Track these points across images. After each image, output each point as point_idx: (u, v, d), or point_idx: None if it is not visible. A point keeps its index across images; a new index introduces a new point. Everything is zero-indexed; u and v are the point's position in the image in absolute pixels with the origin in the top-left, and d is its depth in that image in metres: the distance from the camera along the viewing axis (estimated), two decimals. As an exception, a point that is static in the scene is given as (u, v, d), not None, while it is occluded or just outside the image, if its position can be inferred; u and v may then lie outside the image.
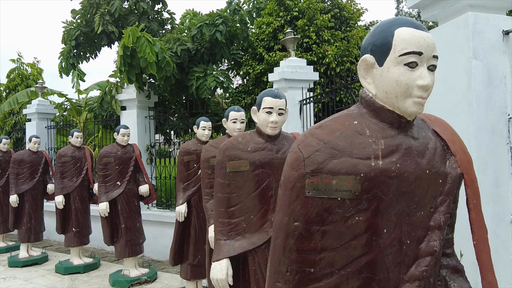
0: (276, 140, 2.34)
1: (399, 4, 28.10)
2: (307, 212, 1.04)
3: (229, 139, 2.38)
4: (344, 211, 1.03)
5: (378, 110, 1.13)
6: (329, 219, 1.04)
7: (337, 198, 1.03)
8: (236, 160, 2.28)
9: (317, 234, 1.04)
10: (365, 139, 1.07)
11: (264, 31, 8.66)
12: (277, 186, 2.29)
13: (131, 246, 5.14)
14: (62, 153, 5.91)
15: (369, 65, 1.12)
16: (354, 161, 1.04)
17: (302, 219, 1.05)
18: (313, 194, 1.04)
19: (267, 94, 2.27)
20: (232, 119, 3.29)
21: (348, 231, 1.04)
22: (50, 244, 7.75)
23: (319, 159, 1.04)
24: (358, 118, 1.12)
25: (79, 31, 7.25)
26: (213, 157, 3.25)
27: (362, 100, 1.17)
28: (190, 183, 4.27)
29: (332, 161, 1.04)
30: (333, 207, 1.03)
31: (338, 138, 1.06)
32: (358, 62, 1.14)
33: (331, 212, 1.03)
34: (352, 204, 1.03)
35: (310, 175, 1.04)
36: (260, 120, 2.29)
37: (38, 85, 8.87)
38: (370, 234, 1.05)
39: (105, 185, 5.08)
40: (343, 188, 1.02)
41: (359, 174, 1.03)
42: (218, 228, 2.32)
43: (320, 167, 1.03)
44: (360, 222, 1.04)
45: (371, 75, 1.13)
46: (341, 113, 1.15)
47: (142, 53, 4.92)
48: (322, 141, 1.06)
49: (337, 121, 1.11)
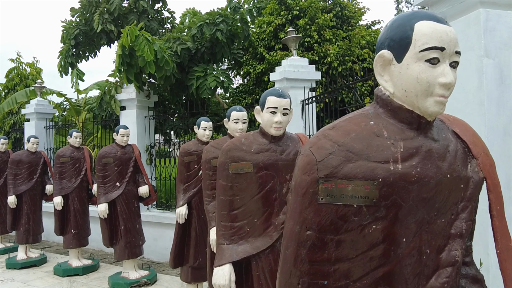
0: (280, 141, 2.27)
1: (399, 5, 28.08)
2: (321, 220, 0.97)
3: (231, 140, 2.30)
4: (361, 219, 0.96)
5: (396, 109, 1.05)
6: (344, 228, 0.96)
7: (353, 205, 0.95)
8: (239, 162, 2.21)
9: (331, 243, 0.97)
10: (383, 141, 1.00)
11: (265, 31, 8.58)
12: (281, 188, 2.22)
13: (130, 248, 5.06)
14: (60, 153, 5.83)
15: (387, 62, 1.04)
16: (372, 165, 0.96)
17: (315, 228, 0.97)
18: (327, 200, 0.96)
19: (271, 94, 2.19)
20: (234, 119, 3.21)
21: (364, 241, 0.97)
22: (49, 245, 7.67)
23: (333, 162, 0.96)
24: (375, 119, 1.04)
25: (78, 30, 7.17)
26: (215, 158, 3.17)
27: (378, 99, 1.09)
28: (191, 184, 4.20)
29: (347, 165, 0.96)
30: (348, 214, 0.95)
31: (353, 140, 0.99)
32: (375, 58, 1.06)
33: (347, 220, 0.96)
34: (369, 212, 0.96)
35: (323, 180, 0.96)
36: (264, 120, 2.22)
37: (36, 84, 8.79)
38: (388, 244, 0.97)
39: (104, 186, 5.00)
40: (359, 194, 0.95)
41: (377, 179, 0.95)
42: (221, 232, 2.24)
43: (335, 172, 0.96)
44: (377, 230, 0.96)
45: (388, 72, 1.05)
46: (356, 113, 1.07)
47: (141, 52, 4.84)
48: (336, 143, 0.98)
49: (352, 122, 1.03)
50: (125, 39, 4.86)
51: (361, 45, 7.90)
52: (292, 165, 2.23)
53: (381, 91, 1.09)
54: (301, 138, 2.35)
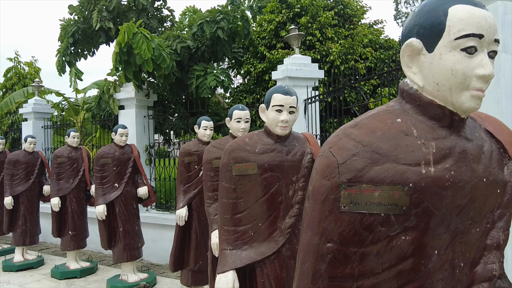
0: (286, 141, 2.15)
1: (398, 5, 28.02)
2: (343, 230, 0.85)
3: (235, 140, 2.19)
4: (388, 229, 0.84)
5: (425, 105, 0.93)
6: (370, 239, 0.85)
7: (380, 214, 0.84)
8: (243, 163, 2.09)
9: (355, 257, 0.85)
10: (412, 140, 0.88)
11: (266, 29, 8.47)
12: (287, 191, 2.10)
13: (129, 251, 4.94)
14: (58, 153, 5.71)
15: (415, 51, 0.93)
16: (401, 167, 0.85)
17: (336, 240, 0.86)
18: (350, 208, 0.84)
19: (277, 91, 2.08)
20: (236, 118, 3.10)
21: (392, 254, 0.85)
22: (47, 247, 7.56)
23: (357, 165, 0.85)
24: (402, 115, 0.93)
25: (76, 28, 7.04)
26: (216, 158, 3.06)
27: (404, 94, 0.97)
28: (191, 185, 4.08)
29: (373, 167, 0.84)
30: (374, 224, 0.84)
31: (380, 139, 0.87)
32: (402, 48, 0.94)
33: (372, 231, 0.84)
34: (398, 221, 0.84)
35: (346, 185, 0.84)
36: (269, 119, 2.10)
37: (34, 84, 8.66)
38: (418, 257, 0.86)
39: (103, 187, 4.88)
40: (387, 201, 0.83)
41: (407, 184, 0.84)
42: (223, 237, 2.13)
43: (359, 175, 0.84)
44: (406, 242, 0.85)
45: (417, 63, 0.94)
46: (379, 110, 0.96)
47: (138, 50, 4.71)
48: (360, 143, 0.87)
49: (377, 119, 0.92)
50: (122, 36, 4.74)
51: (363, 43, 7.79)
52: (299, 166, 2.11)
53: (407, 85, 0.97)
54: (308, 138, 2.23)
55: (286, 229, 2.07)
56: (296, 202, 2.09)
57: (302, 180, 2.10)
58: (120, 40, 4.79)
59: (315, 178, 0.91)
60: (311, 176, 0.94)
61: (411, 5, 28.23)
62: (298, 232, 2.11)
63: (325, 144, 0.93)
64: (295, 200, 2.09)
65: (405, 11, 28.05)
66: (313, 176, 0.92)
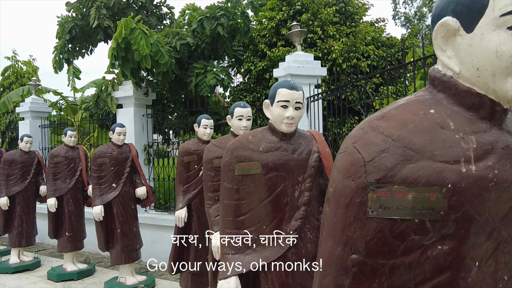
0: (292, 139, 2.03)
1: (396, 5, 27.93)
2: (370, 239, 0.73)
3: (237, 138, 2.07)
4: (423, 237, 0.72)
5: (462, 94, 0.81)
6: (401, 250, 0.73)
7: (413, 220, 0.72)
8: (246, 162, 1.97)
9: (383, 270, 0.73)
10: (449, 134, 0.76)
11: (266, 27, 8.36)
12: (293, 191, 1.98)
13: (127, 252, 4.82)
14: (54, 153, 5.58)
15: (451, 32, 0.80)
16: (438, 165, 0.73)
17: (362, 250, 0.74)
18: (379, 214, 0.72)
19: (282, 85, 1.96)
20: (238, 116, 2.98)
21: (426, 266, 0.73)
22: (44, 248, 7.43)
23: (387, 163, 0.73)
24: (435, 106, 0.80)
25: (73, 24, 6.91)
26: (217, 157, 2.94)
27: (436, 82, 0.85)
28: (191, 185, 3.97)
29: (406, 166, 0.72)
30: (407, 232, 0.72)
31: (412, 133, 0.75)
32: (434, 29, 0.82)
33: (404, 240, 0.72)
34: (435, 228, 0.72)
35: (374, 187, 0.72)
36: (274, 115, 1.98)
37: (31, 82, 8.53)
38: (456, 270, 0.74)
39: (100, 187, 4.76)
40: (422, 205, 0.71)
41: (445, 185, 0.72)
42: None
43: (390, 175, 0.72)
44: (443, 252, 0.73)
45: (452, 45, 0.81)
46: (408, 100, 0.84)
47: (136, 46, 4.58)
48: (389, 137, 0.75)
49: (407, 110, 0.79)
50: (120, 31, 4.61)
51: (366, 41, 7.68)
52: (305, 165, 1.99)
53: (439, 72, 0.85)
54: (314, 135, 2.11)
55: (292, 232, 1.95)
56: (302, 203, 1.97)
57: (308, 180, 1.98)
58: (117, 35, 4.66)
59: (337, 178, 0.79)
60: (331, 177, 0.82)
61: (409, 5, 28.17)
62: (304, 235, 2.00)
63: (347, 139, 0.81)
64: (301, 201, 1.97)
65: (404, 11, 28.00)
66: (334, 176, 0.80)
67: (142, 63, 4.78)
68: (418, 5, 27.71)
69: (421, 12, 27.64)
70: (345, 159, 0.78)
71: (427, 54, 3.70)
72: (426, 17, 27.72)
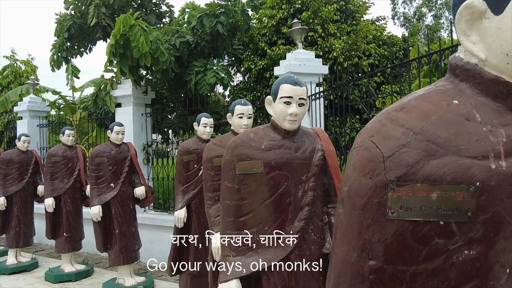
0: (295, 136, 1.96)
1: (395, 6, 27.89)
2: (390, 244, 0.66)
3: (238, 136, 1.99)
4: (448, 241, 0.65)
5: (488, 83, 0.73)
6: (424, 255, 0.65)
7: (438, 222, 0.64)
8: (248, 161, 1.90)
9: (404, 278, 0.66)
10: (476, 127, 0.69)
11: (266, 25, 8.29)
12: (296, 191, 1.91)
13: (126, 253, 4.74)
14: (52, 152, 5.50)
15: (476, 15, 0.73)
16: (465, 161, 0.65)
17: (381, 256, 0.66)
18: (399, 215, 0.65)
19: (285, 81, 1.89)
20: (238, 113, 2.90)
21: (451, 273, 0.66)
22: (42, 249, 7.35)
23: (408, 158, 0.66)
24: (458, 96, 0.73)
25: (72, 22, 6.83)
26: (217, 156, 2.87)
27: (458, 70, 0.77)
28: (190, 185, 3.89)
29: (429, 161, 0.65)
30: (431, 235, 0.65)
31: (436, 125, 0.68)
32: (458, 12, 0.75)
33: (428, 244, 0.65)
34: (461, 231, 0.65)
35: (395, 185, 0.65)
36: (277, 112, 1.91)
37: (29, 81, 8.45)
38: (484, 277, 0.67)
39: (98, 187, 4.68)
40: (448, 205, 0.64)
41: (473, 183, 0.64)
42: (226, 242, 1.93)
43: (412, 172, 0.65)
44: (470, 258, 0.66)
45: (478, 30, 0.73)
46: (427, 90, 0.76)
47: (136, 43, 4.49)
48: (411, 129, 0.68)
49: (428, 100, 0.72)
50: (118, 27, 4.53)
51: (367, 40, 7.60)
52: (309, 164, 1.92)
53: (461, 59, 0.77)
54: (318, 133, 2.04)
55: (295, 233, 1.88)
56: (306, 203, 1.90)
57: (312, 179, 1.91)
58: (116, 32, 4.58)
59: (352, 176, 0.71)
60: (345, 174, 0.74)
61: (408, 5, 28.15)
62: (308, 236, 1.92)
63: (363, 133, 0.73)
64: (305, 201, 1.90)
65: (403, 11, 27.99)
66: (349, 174, 0.72)
67: (141, 60, 4.69)
68: (417, 4, 27.69)
69: (420, 12, 27.62)
70: (361, 155, 0.70)
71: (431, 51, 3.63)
72: (426, 17, 27.69)
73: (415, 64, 3.94)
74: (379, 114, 0.74)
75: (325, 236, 1.99)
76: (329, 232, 2.00)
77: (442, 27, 26.37)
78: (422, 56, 3.73)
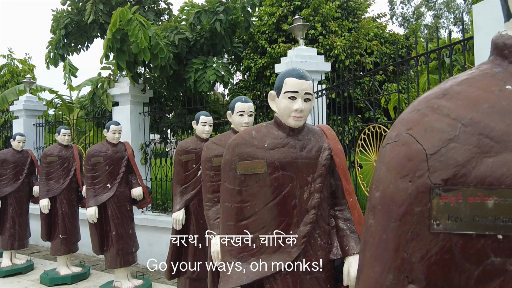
0: (300, 134, 1.83)
1: (393, 6, 27.82)
2: (435, 263, 0.52)
3: (239, 134, 1.86)
4: (506, 260, 0.52)
5: None
6: (475, 278, 0.53)
7: (495, 236, 0.51)
8: (250, 160, 1.77)
9: None
10: None
11: (266, 23, 8.18)
12: (301, 193, 1.78)
13: (122, 256, 4.61)
14: (47, 152, 5.37)
15: None
16: None
17: (423, 278, 0.53)
18: (447, 227, 0.52)
19: (289, 74, 1.76)
20: (239, 111, 2.77)
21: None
22: (38, 250, 7.21)
23: (458, 156, 0.53)
24: (510, 81, 0.60)
25: (69, 19, 6.69)
26: (217, 156, 2.74)
27: (508, 50, 0.64)
28: (189, 186, 3.76)
29: (484, 160, 0.53)
30: (485, 252, 0.52)
31: (488, 115, 0.55)
32: None
33: (481, 263, 0.52)
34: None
35: (441, 190, 0.52)
36: (281, 108, 1.78)
37: (26, 80, 8.31)
38: None
39: (94, 187, 4.55)
40: (508, 214, 0.51)
41: None
42: (226, 248, 1.81)
43: (462, 173, 0.52)
44: None
45: None
46: (472, 74, 0.63)
47: (134, 38, 4.34)
48: (458, 120, 0.55)
49: (474, 86, 0.59)
50: (114, 20, 4.38)
51: (369, 37, 7.48)
52: (315, 164, 1.79)
53: (510, 37, 0.64)
54: (325, 131, 1.91)
55: (300, 238, 1.75)
56: (312, 206, 1.77)
57: (319, 180, 1.78)
58: (112, 26, 4.44)
59: (386, 178, 0.57)
60: (377, 176, 0.61)
61: (406, 5, 28.13)
62: (314, 241, 1.79)
63: (398, 125, 0.60)
64: (311, 204, 1.77)
65: (401, 11, 27.98)
66: (382, 176, 0.59)
67: (140, 56, 4.53)
68: (416, 5, 27.66)
69: (419, 12, 27.59)
70: (397, 152, 0.57)
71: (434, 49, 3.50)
72: (424, 16, 27.69)
73: (422, 60, 3.82)
74: (416, 102, 0.61)
75: (332, 241, 1.86)
76: (336, 237, 1.88)
77: (442, 26, 26.32)
78: (430, 51, 3.60)
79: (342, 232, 1.87)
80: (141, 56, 4.49)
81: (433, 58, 3.73)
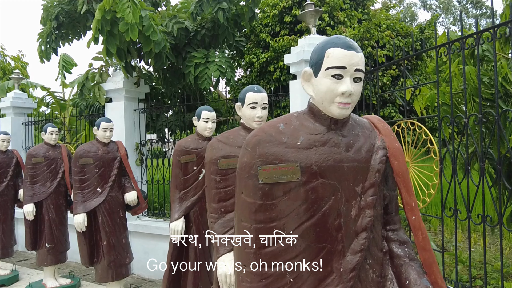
0: (344, 128, 1.34)
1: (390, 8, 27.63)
2: None
3: (262, 127, 1.36)
4: None
5: None
6: None
7: None
8: (277, 163, 1.27)
9: None
10: None
11: (269, 15, 7.70)
12: (348, 209, 1.29)
13: (115, 268, 4.11)
14: (32, 152, 4.86)
15: None
16: None
17: None
18: None
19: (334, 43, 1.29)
20: (251, 103, 2.32)
21: None
22: (26, 258, 6.70)
23: None
24: None
25: (60, 9, 6.18)
26: (224, 157, 2.26)
27: None
28: (189, 191, 3.29)
29: None
30: None
31: None
32: None
33: None
34: None
35: None
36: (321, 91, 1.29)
37: (14, 75, 7.79)
38: None
39: (82, 192, 4.05)
40: None
41: None
42: (245, 284, 1.31)
43: None
44: None
45: None
46: None
47: (121, 13, 3.80)
48: None
49: None
50: (106, 1, 3.86)
51: (380, 29, 7.01)
52: (366, 168, 1.29)
53: None
54: (376, 124, 1.42)
55: (347, 272, 1.26)
56: (362, 228, 1.28)
57: (371, 191, 1.29)
58: (101, 7, 3.92)
59: None
60: None
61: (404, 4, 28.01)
62: (365, 275, 1.30)
63: None
64: (362, 224, 1.28)
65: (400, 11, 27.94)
66: None
67: (127, 35, 3.98)
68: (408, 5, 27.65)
69: (411, 12, 27.46)
70: None
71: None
72: (417, 17, 27.71)
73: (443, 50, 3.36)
74: None
75: (386, 273, 1.37)
76: (390, 266, 1.38)
77: (442, 25, 26.22)
78: (454, 40, 3.14)
79: (399, 260, 1.37)
80: (129, 35, 3.94)
81: (468, 45, 3.28)
